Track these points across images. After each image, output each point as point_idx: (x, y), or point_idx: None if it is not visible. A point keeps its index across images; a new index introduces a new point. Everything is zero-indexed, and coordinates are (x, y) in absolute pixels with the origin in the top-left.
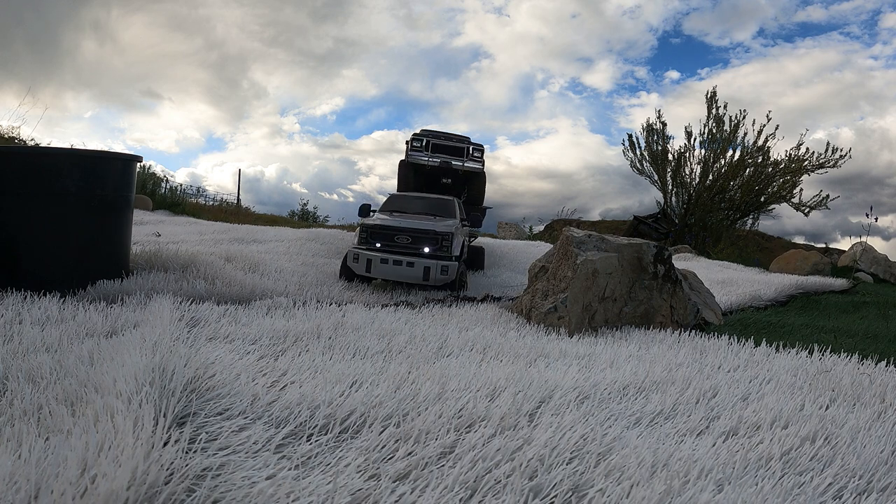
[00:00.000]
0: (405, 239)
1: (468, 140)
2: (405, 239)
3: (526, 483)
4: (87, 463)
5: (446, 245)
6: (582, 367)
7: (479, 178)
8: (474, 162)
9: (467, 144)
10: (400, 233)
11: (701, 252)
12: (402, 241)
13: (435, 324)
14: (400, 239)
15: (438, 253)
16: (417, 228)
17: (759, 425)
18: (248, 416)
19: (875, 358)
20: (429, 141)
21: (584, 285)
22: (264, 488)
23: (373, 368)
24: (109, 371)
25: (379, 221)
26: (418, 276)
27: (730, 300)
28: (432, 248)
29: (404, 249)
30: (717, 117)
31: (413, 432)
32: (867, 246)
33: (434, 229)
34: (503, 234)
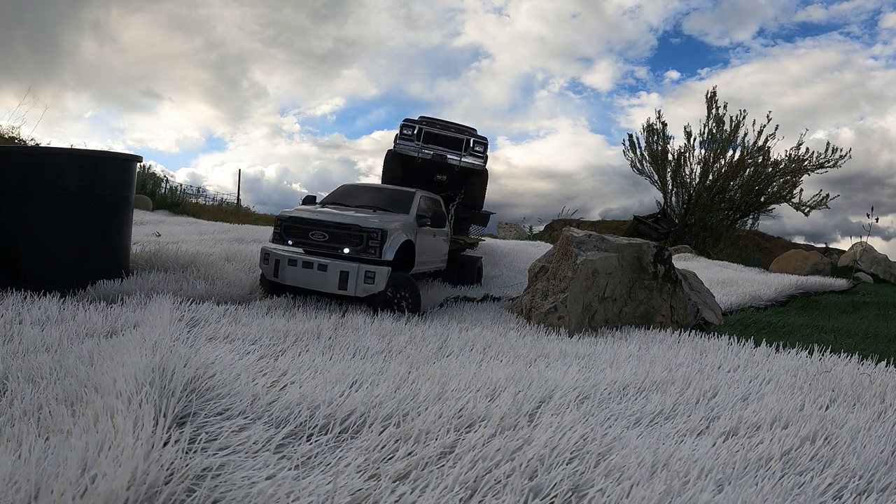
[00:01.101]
0: (321, 235)
1: (470, 131)
2: (321, 235)
3: (526, 483)
4: (87, 463)
5: (374, 245)
6: (582, 367)
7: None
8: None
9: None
10: (316, 227)
11: (701, 252)
12: (317, 238)
13: (435, 324)
14: (316, 235)
15: (362, 254)
16: (336, 223)
17: (759, 425)
18: (248, 416)
19: (875, 358)
20: (421, 129)
21: (584, 285)
22: (264, 488)
23: (373, 368)
24: (109, 371)
25: (294, 213)
26: (333, 283)
27: (730, 300)
28: (354, 248)
29: (319, 249)
30: (717, 117)
31: (413, 432)
32: (867, 246)
33: (358, 224)
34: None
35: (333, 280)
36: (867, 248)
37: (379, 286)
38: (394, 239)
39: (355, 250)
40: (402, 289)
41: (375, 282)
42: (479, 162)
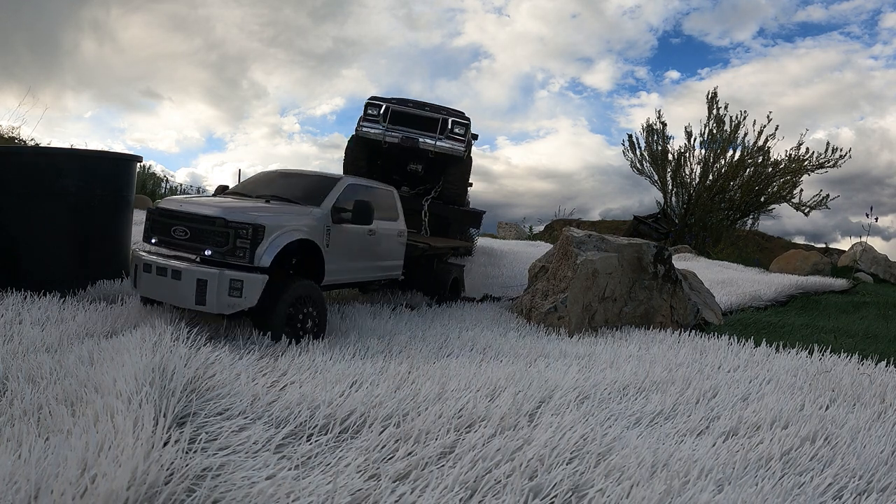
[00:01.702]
0: (182, 232)
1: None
2: (182, 232)
3: (526, 483)
4: (87, 463)
5: (243, 244)
6: (582, 367)
7: (460, 164)
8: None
9: (444, 115)
10: (178, 221)
11: (701, 252)
12: (179, 235)
13: (435, 324)
14: (178, 232)
15: (229, 257)
16: (200, 215)
17: (759, 425)
18: (248, 416)
19: (875, 358)
20: (388, 108)
21: (584, 285)
22: (264, 488)
23: (373, 368)
24: (109, 371)
25: (165, 203)
26: (188, 295)
27: (730, 300)
28: (219, 249)
29: (180, 250)
30: (717, 117)
31: (413, 432)
32: (867, 246)
33: (224, 216)
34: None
35: (188, 292)
36: (867, 248)
37: (249, 300)
38: (276, 237)
39: (220, 251)
40: (307, 304)
41: (244, 294)
42: (459, 147)
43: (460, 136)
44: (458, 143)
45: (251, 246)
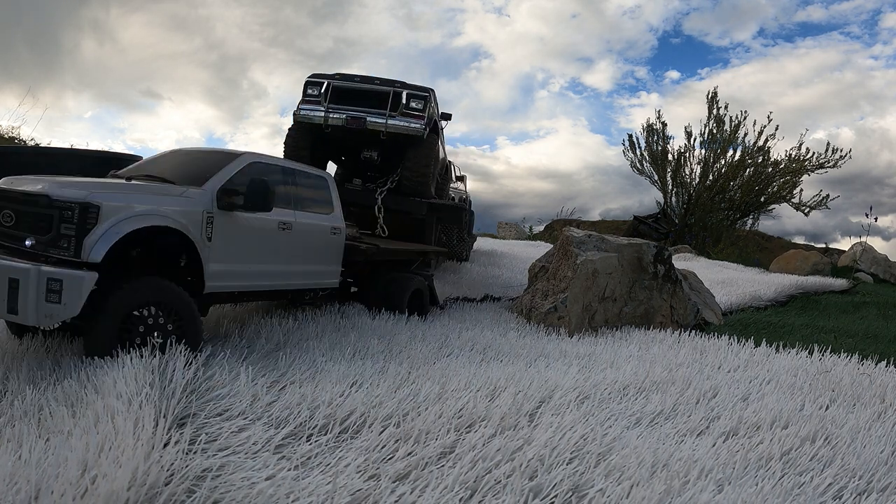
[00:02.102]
0: (7, 217)
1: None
2: (7, 217)
3: (526, 483)
4: (88, 463)
5: (68, 230)
6: (582, 367)
7: (420, 147)
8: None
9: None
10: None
11: (701, 252)
12: (5, 220)
13: (435, 324)
14: (5, 216)
15: (51, 249)
16: (23, 192)
17: (759, 425)
18: (248, 416)
19: (875, 358)
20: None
21: (584, 285)
22: (264, 489)
23: (373, 368)
24: (110, 372)
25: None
26: None
27: (730, 300)
28: (39, 237)
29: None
30: (717, 117)
31: (413, 432)
32: (867, 246)
33: (48, 194)
34: (503, 234)
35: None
36: (867, 248)
37: (70, 307)
38: (116, 223)
39: (42, 241)
40: (158, 313)
41: (63, 299)
42: (417, 124)
43: (418, 111)
44: (416, 119)
45: (78, 233)
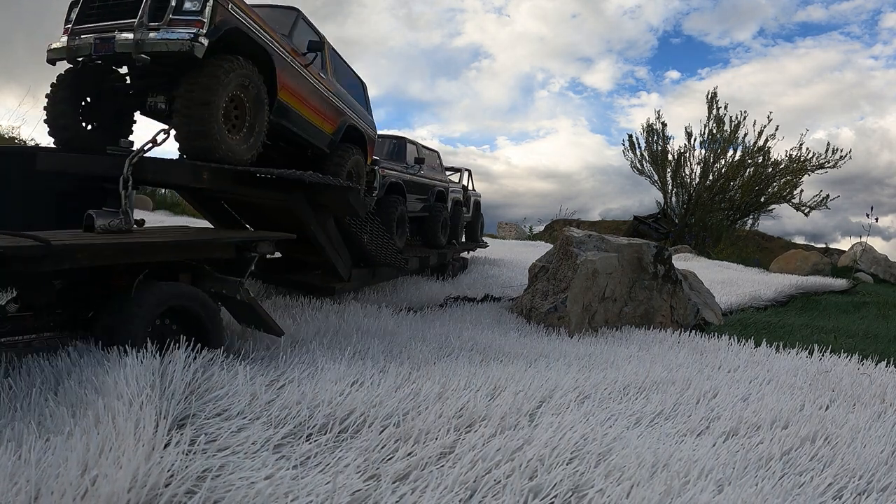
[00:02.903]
0: None
1: None
2: None
3: (526, 483)
4: (88, 464)
5: None
6: (582, 367)
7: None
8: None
9: None
10: None
11: (701, 252)
12: None
13: (435, 324)
14: None
15: None
16: None
17: (759, 425)
18: (247, 416)
19: (875, 358)
20: None
21: (584, 285)
22: (263, 489)
23: (373, 368)
24: (110, 372)
25: None
26: None
27: (730, 300)
28: None
29: None
30: (717, 117)
31: (413, 432)
32: (867, 246)
33: None
34: (503, 234)
35: None
36: (867, 248)
37: None
38: None
39: None
40: None
41: None
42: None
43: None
44: (185, 27)
45: None
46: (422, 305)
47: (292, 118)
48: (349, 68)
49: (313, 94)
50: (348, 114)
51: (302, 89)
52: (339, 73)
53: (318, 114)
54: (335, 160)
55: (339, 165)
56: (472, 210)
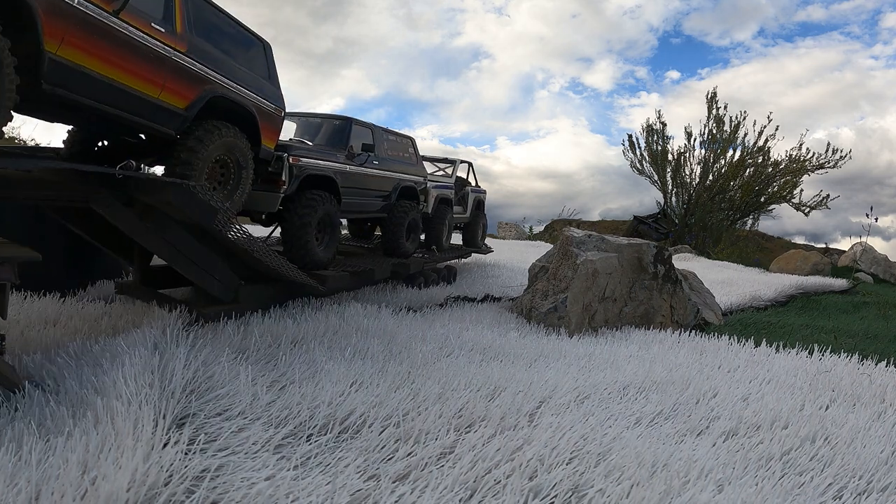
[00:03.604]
0: None
1: None
2: None
3: (526, 483)
4: (88, 464)
5: None
6: (582, 368)
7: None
8: None
9: None
10: None
11: (701, 252)
12: None
13: (435, 324)
14: None
15: None
16: None
17: (759, 425)
18: (248, 416)
19: (875, 358)
20: None
21: (584, 285)
22: (263, 489)
23: (373, 368)
24: (109, 372)
25: None
26: None
27: (730, 300)
28: None
29: None
30: (717, 117)
31: (413, 432)
32: (867, 246)
33: None
34: (503, 234)
35: None
36: (867, 249)
37: None
38: None
39: None
40: None
41: None
42: None
43: None
44: None
45: None
46: (422, 305)
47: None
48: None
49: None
50: (217, 81)
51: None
52: (204, 28)
53: (145, 79)
54: (190, 144)
55: (194, 151)
56: (470, 209)
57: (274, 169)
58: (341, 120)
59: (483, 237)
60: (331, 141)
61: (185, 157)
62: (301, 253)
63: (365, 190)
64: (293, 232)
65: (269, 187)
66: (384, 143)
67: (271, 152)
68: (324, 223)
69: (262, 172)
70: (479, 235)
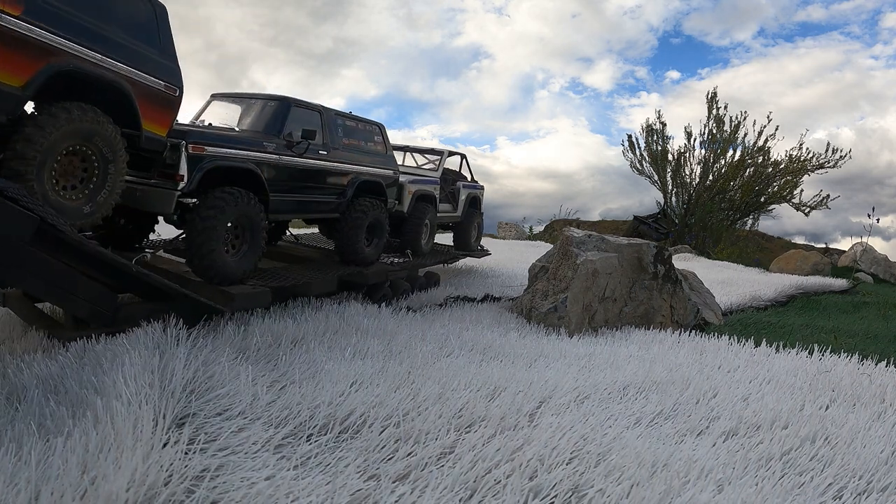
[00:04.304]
0: None
1: None
2: None
3: (526, 483)
4: (87, 464)
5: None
6: (582, 368)
7: None
8: None
9: None
10: None
11: (701, 252)
12: None
13: (435, 324)
14: None
15: None
16: None
17: (760, 425)
18: (248, 416)
19: (875, 358)
20: None
21: (584, 285)
22: (263, 489)
23: (373, 368)
24: (109, 372)
25: None
26: None
27: (730, 300)
28: None
29: None
30: (717, 117)
31: (413, 432)
32: (867, 246)
33: None
34: (503, 234)
35: None
36: (867, 249)
37: None
38: None
39: None
40: None
41: None
42: None
43: None
44: None
45: None
46: (422, 305)
47: None
48: None
49: None
50: (70, 52)
51: None
52: None
53: None
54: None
55: (31, 142)
56: (462, 207)
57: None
58: (277, 101)
59: (478, 238)
60: (263, 126)
61: (21, 149)
62: (204, 264)
63: (307, 186)
64: (193, 238)
65: (163, 183)
66: (337, 129)
67: (162, 140)
68: (241, 227)
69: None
70: (472, 236)
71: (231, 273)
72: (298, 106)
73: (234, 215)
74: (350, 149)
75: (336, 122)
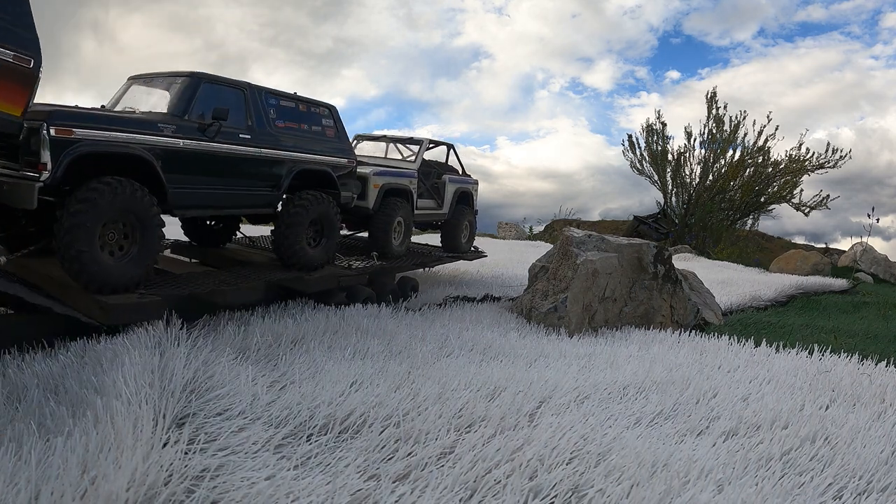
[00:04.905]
0: None
1: None
2: None
3: (526, 483)
4: (87, 464)
5: None
6: (582, 367)
7: None
8: None
9: None
10: None
11: (701, 252)
12: None
13: (435, 324)
14: None
15: None
16: None
17: (760, 425)
18: (248, 416)
19: (875, 358)
20: None
21: (584, 285)
22: (263, 489)
23: (373, 368)
24: (109, 372)
25: None
26: None
27: (730, 300)
28: None
29: None
30: (717, 117)
31: (413, 432)
32: (867, 246)
33: None
34: (503, 234)
35: None
36: (867, 249)
37: None
38: None
39: None
40: None
41: None
42: None
43: None
44: None
45: None
46: (421, 305)
47: None
48: None
49: None
50: None
51: None
52: None
53: None
54: None
55: None
56: (448, 203)
57: (35, 147)
58: (185, 77)
59: (470, 239)
60: (169, 107)
61: None
62: (74, 268)
63: (224, 176)
64: (60, 238)
65: (26, 174)
66: (268, 110)
67: (15, 120)
68: (128, 225)
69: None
70: (462, 236)
71: (112, 279)
72: (212, 82)
73: (114, 210)
74: (287, 133)
75: (268, 101)
